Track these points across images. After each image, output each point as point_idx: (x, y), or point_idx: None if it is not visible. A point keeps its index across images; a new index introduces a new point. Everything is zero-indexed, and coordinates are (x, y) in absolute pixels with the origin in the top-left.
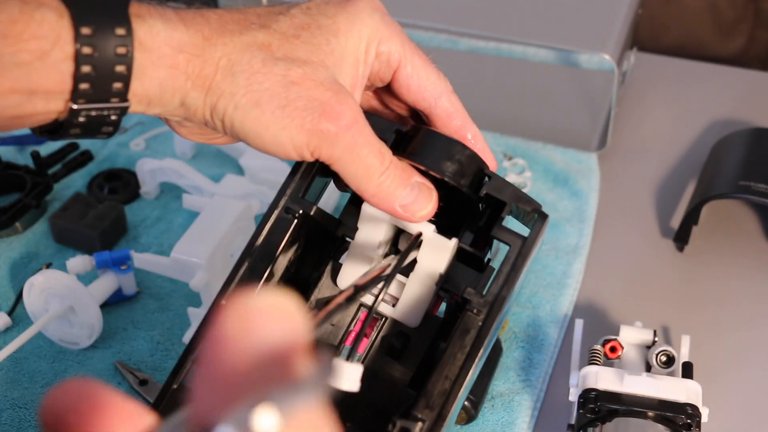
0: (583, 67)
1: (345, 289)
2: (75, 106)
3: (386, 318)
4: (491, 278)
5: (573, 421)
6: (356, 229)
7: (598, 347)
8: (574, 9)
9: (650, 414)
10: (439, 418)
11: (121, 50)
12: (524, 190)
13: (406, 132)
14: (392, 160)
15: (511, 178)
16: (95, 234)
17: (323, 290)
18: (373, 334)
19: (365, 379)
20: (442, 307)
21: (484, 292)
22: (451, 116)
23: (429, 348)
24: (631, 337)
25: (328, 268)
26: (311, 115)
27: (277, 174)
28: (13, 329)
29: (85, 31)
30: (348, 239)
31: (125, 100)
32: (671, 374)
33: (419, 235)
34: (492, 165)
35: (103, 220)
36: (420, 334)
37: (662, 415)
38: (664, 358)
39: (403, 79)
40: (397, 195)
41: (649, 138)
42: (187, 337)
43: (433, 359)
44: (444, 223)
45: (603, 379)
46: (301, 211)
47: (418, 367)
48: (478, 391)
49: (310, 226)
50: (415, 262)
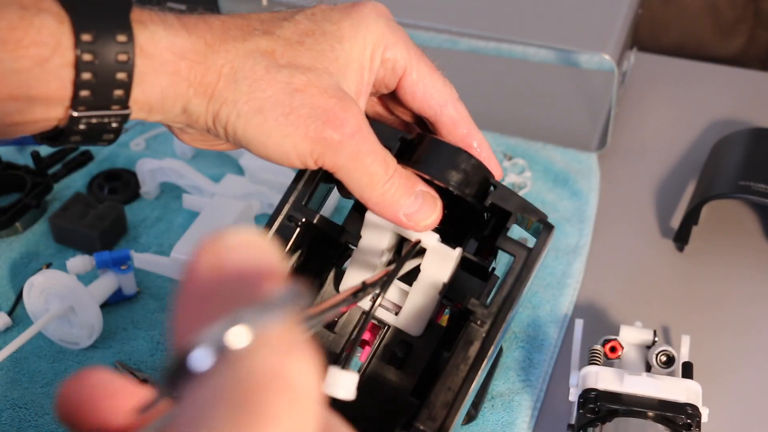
0: (583, 67)
1: (354, 286)
2: (75, 114)
3: (389, 326)
4: (495, 288)
5: (573, 421)
6: (359, 236)
7: (598, 347)
8: (574, 9)
9: (650, 414)
10: (441, 429)
11: (122, 57)
12: (524, 190)
13: (411, 140)
14: (396, 168)
15: (511, 178)
16: (95, 234)
17: (326, 297)
18: (376, 342)
19: (367, 388)
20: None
21: (487, 302)
22: (457, 124)
23: (432, 357)
24: (631, 337)
25: (331, 275)
26: (315, 123)
27: (277, 174)
28: (13, 329)
29: (86, 37)
30: (351, 246)
31: (126, 107)
32: (671, 374)
33: (417, 242)
34: (497, 173)
35: (103, 220)
36: (423, 342)
37: (662, 415)
38: (664, 358)
39: (409, 86)
40: (401, 204)
41: (649, 138)
42: None
43: (435, 368)
44: (448, 231)
45: (603, 379)
46: (303, 219)
47: (420, 376)
48: (479, 391)
49: (313, 233)
50: (418, 270)
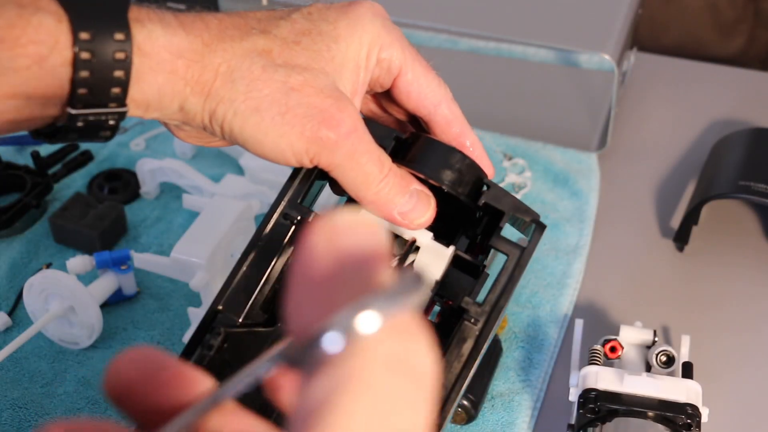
0: (583, 67)
1: None
2: (73, 111)
3: None
4: (488, 286)
5: (573, 421)
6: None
7: (598, 347)
8: (574, 9)
9: (650, 414)
10: (434, 425)
11: (120, 55)
12: (524, 190)
13: (405, 139)
14: (391, 167)
15: (511, 178)
16: (95, 234)
17: None
18: None
19: None
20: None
21: (479, 299)
22: (450, 123)
23: None
24: (631, 337)
25: None
26: (311, 123)
27: (277, 174)
28: (13, 329)
29: (84, 35)
30: None
31: (123, 104)
32: (671, 374)
33: (413, 241)
34: (490, 172)
35: (103, 220)
36: None
37: (662, 415)
38: (664, 358)
39: (404, 85)
40: (396, 202)
41: (649, 138)
42: (187, 337)
43: None
44: (440, 229)
45: (603, 379)
46: (299, 218)
47: None
48: (478, 391)
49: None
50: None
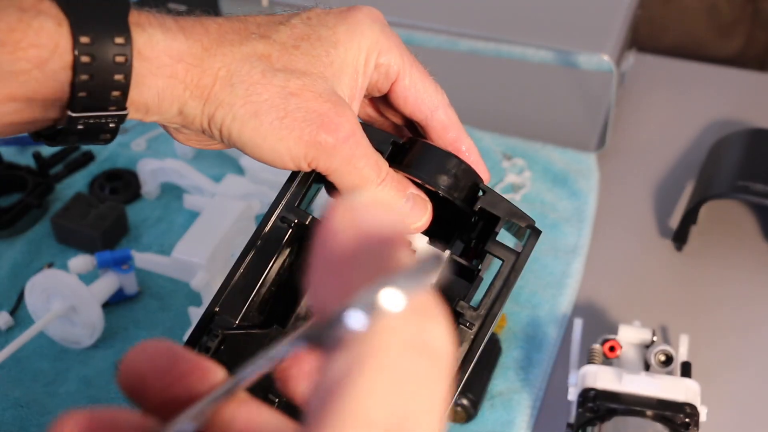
0: (583, 67)
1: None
2: (73, 114)
3: None
4: (480, 289)
5: (572, 420)
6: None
7: (597, 346)
8: (573, 10)
9: (649, 413)
10: None
11: (120, 59)
12: (523, 190)
13: (403, 144)
14: (388, 172)
15: (511, 178)
16: (97, 234)
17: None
18: None
19: None
20: None
21: (474, 304)
22: (447, 128)
23: None
24: (630, 336)
25: None
26: (309, 127)
27: (277, 174)
28: (15, 329)
29: (84, 39)
30: None
31: (123, 108)
32: (670, 373)
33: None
34: (485, 177)
35: (105, 220)
36: None
37: (661, 414)
38: (662, 358)
39: (401, 90)
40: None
41: (647, 138)
42: (187, 336)
43: None
44: (436, 233)
45: (602, 378)
46: (296, 221)
47: None
48: (478, 390)
49: (305, 235)
50: None
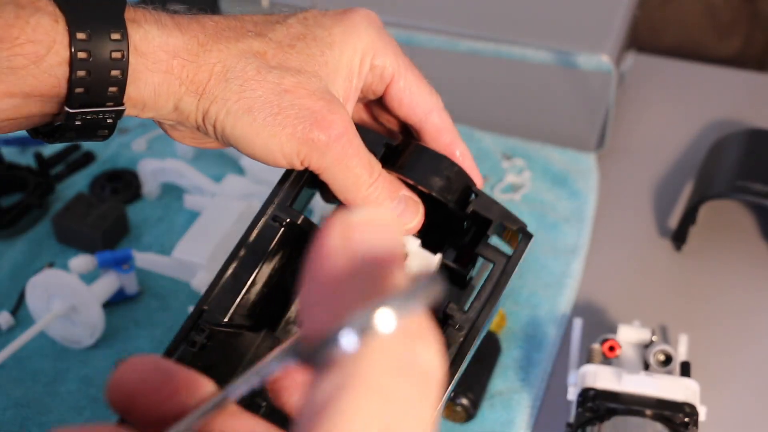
0: (582, 68)
1: None
2: (71, 110)
3: None
4: (472, 295)
5: (572, 420)
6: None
7: (597, 346)
8: (572, 10)
9: (648, 413)
10: None
11: (117, 55)
12: (523, 190)
13: (396, 146)
14: (381, 172)
15: (510, 178)
16: (97, 234)
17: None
18: None
19: None
20: None
21: (465, 309)
22: (441, 132)
23: None
24: (630, 336)
25: None
26: (303, 124)
27: (277, 174)
28: (16, 328)
29: (81, 36)
30: None
31: (121, 104)
32: (669, 373)
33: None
34: (478, 182)
35: (105, 220)
36: None
37: (660, 413)
38: (662, 357)
39: (396, 93)
40: (385, 207)
41: (647, 138)
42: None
43: None
44: (428, 238)
45: (601, 378)
46: (288, 220)
47: None
48: (477, 389)
49: (296, 236)
50: None
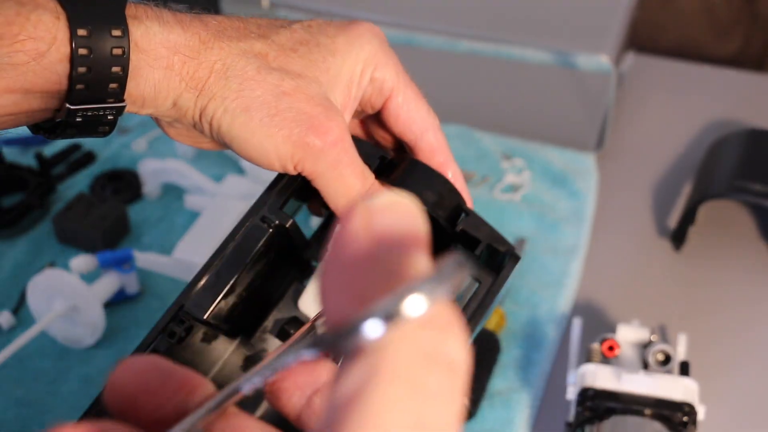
0: (581, 68)
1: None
2: (72, 107)
3: None
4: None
5: (571, 419)
6: (323, 252)
7: (596, 346)
8: (572, 11)
9: (647, 412)
10: None
11: (117, 51)
12: (523, 190)
13: (391, 159)
14: (373, 183)
15: (510, 178)
16: (98, 234)
17: (283, 310)
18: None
19: None
20: None
21: None
22: (435, 152)
23: None
24: (629, 335)
25: (291, 290)
26: (299, 127)
27: None
28: (17, 328)
29: (82, 32)
30: (313, 263)
31: (121, 100)
32: (668, 372)
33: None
34: (469, 204)
35: (106, 220)
36: None
37: (659, 413)
38: (661, 357)
39: (393, 108)
40: None
41: (646, 138)
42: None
43: None
44: None
45: (600, 377)
46: (277, 222)
47: None
48: (477, 389)
49: (283, 241)
50: None
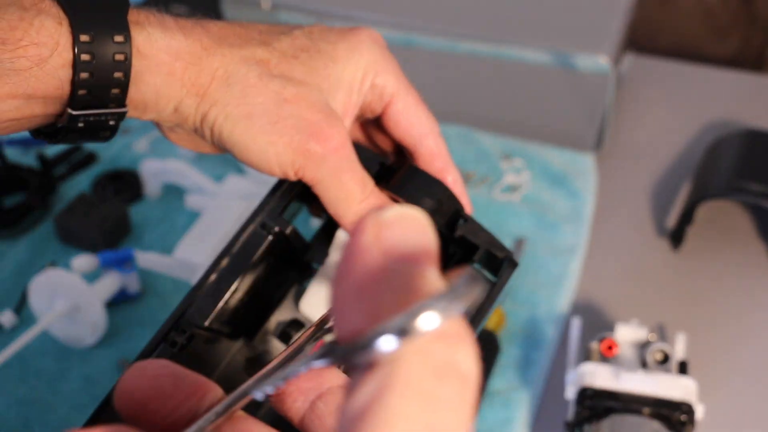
0: (580, 69)
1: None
2: (73, 112)
3: None
4: None
5: (570, 418)
6: (324, 255)
7: (595, 345)
8: (570, 12)
9: (646, 411)
10: None
11: (120, 57)
12: (522, 190)
13: (390, 165)
14: (373, 189)
15: (509, 178)
16: (99, 234)
17: (284, 312)
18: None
19: None
20: None
21: None
22: (435, 157)
23: None
24: (628, 335)
25: (292, 291)
26: (300, 134)
27: None
28: (19, 327)
29: (84, 38)
30: (314, 265)
31: (123, 105)
32: (667, 371)
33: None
34: (468, 210)
35: (107, 220)
36: None
37: (658, 412)
38: (659, 356)
39: (394, 114)
40: None
41: (645, 139)
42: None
43: None
44: None
45: (599, 376)
46: (277, 229)
47: None
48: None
49: (283, 245)
50: None
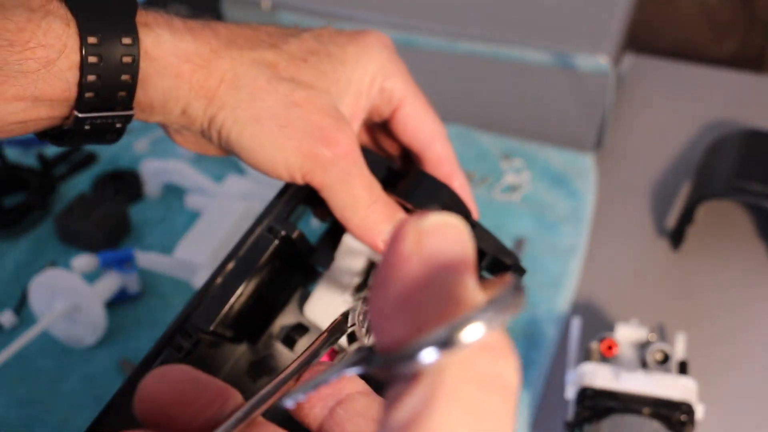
0: (580, 69)
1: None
2: (80, 115)
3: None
4: None
5: (570, 419)
6: (329, 259)
7: (595, 345)
8: (570, 12)
9: (646, 411)
10: None
11: (127, 59)
12: (522, 191)
13: (398, 170)
14: (380, 194)
15: (509, 178)
16: (99, 234)
17: (288, 316)
18: None
19: None
20: None
21: None
22: (442, 162)
23: None
24: (627, 335)
25: (296, 295)
26: (309, 139)
27: None
28: (19, 327)
29: (92, 40)
30: (319, 269)
31: (130, 108)
32: (667, 371)
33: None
34: (475, 215)
35: (108, 220)
36: None
37: (658, 412)
38: (659, 356)
39: (402, 118)
40: (381, 230)
41: (645, 139)
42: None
43: None
44: None
45: (599, 376)
46: (284, 233)
47: None
48: None
49: (289, 249)
50: None
